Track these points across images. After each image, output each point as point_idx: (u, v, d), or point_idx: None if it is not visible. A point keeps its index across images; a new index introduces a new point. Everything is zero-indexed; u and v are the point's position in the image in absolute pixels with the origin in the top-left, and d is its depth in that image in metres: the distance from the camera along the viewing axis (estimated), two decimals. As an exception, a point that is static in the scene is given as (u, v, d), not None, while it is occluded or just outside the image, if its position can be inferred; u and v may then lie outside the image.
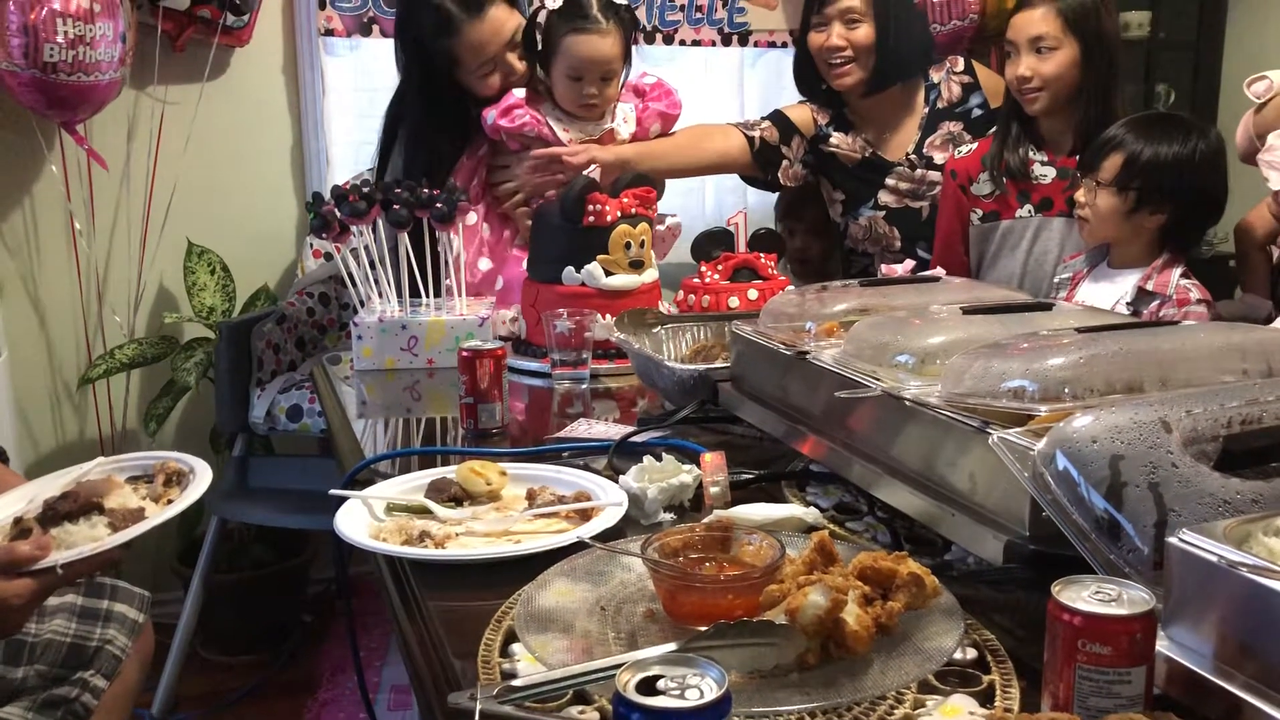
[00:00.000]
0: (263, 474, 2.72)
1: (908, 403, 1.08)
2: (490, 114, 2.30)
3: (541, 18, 2.26)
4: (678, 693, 0.66)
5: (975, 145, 2.43)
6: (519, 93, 2.31)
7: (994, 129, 2.39)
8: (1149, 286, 1.99)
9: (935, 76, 2.58)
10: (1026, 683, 0.87)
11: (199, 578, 2.70)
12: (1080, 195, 2.02)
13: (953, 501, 1.04)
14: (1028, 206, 2.31)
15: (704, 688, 0.66)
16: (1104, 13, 2.20)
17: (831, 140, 2.60)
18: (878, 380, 1.17)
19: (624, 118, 2.39)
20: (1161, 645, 0.79)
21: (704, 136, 2.59)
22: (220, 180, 3.00)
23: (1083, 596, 0.77)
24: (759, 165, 2.63)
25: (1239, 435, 0.91)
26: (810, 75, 2.58)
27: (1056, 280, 2.13)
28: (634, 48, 2.37)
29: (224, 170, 3.01)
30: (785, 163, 2.63)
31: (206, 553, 2.70)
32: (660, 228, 2.35)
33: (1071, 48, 2.18)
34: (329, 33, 2.97)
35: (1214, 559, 0.75)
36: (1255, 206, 2.04)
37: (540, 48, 2.29)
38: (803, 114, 2.65)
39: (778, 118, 2.65)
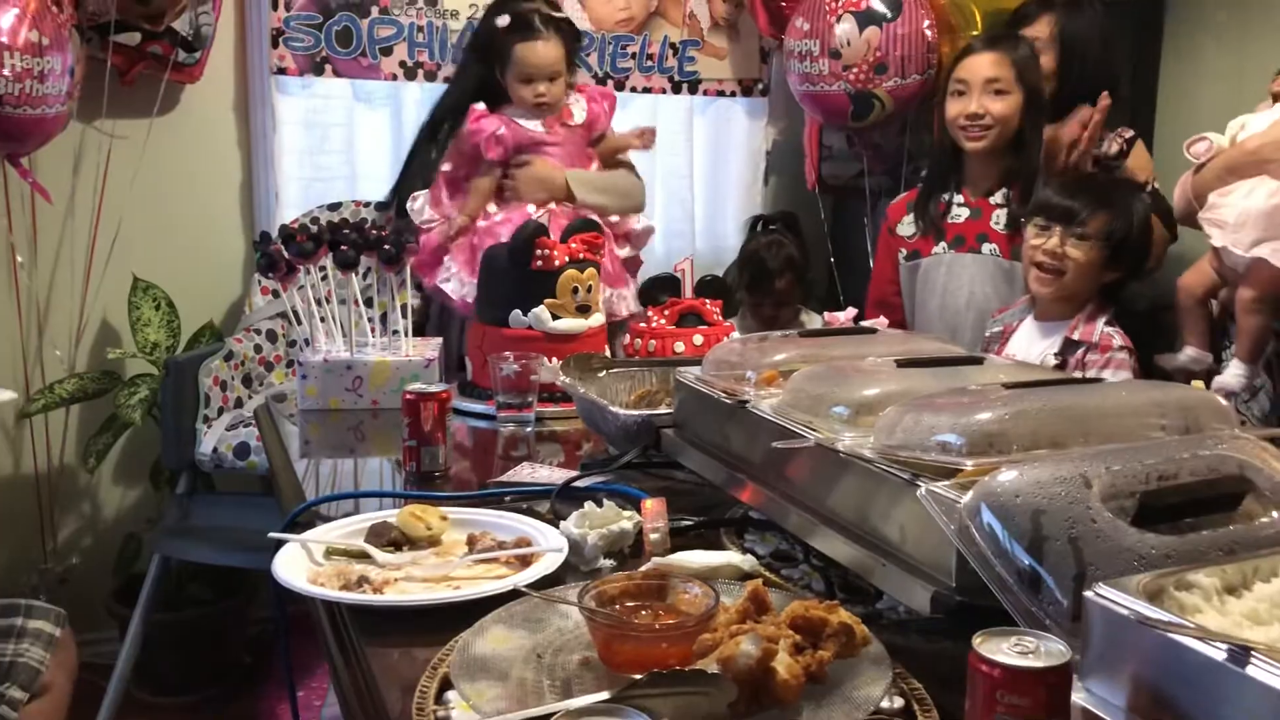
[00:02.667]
0: (206, 512, 2.69)
1: (842, 454, 1.11)
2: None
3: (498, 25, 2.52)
4: (606, 743, 0.67)
5: (910, 191, 2.54)
6: (479, 105, 2.53)
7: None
8: (1075, 336, 2.09)
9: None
10: (954, 733, 0.89)
11: (139, 617, 2.65)
12: (1051, 244, 2.11)
13: (884, 551, 1.07)
14: (942, 244, 2.43)
15: (631, 738, 0.67)
16: (1040, 70, 2.32)
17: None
18: (814, 431, 1.19)
19: (577, 103, 2.61)
20: (1079, 696, 0.81)
21: None
22: (167, 215, 2.98)
23: (1002, 649, 0.79)
24: None
25: (1155, 491, 0.94)
26: None
27: (987, 334, 2.22)
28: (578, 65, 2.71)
29: (172, 205, 2.99)
30: None
31: (148, 591, 2.66)
32: (637, 226, 2.64)
33: (1018, 95, 2.32)
34: (281, 71, 2.98)
35: (1127, 614, 0.78)
36: (1195, 264, 2.12)
37: (495, 60, 2.54)
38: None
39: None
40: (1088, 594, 0.82)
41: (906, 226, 2.52)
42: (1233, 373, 1.99)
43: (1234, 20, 2.67)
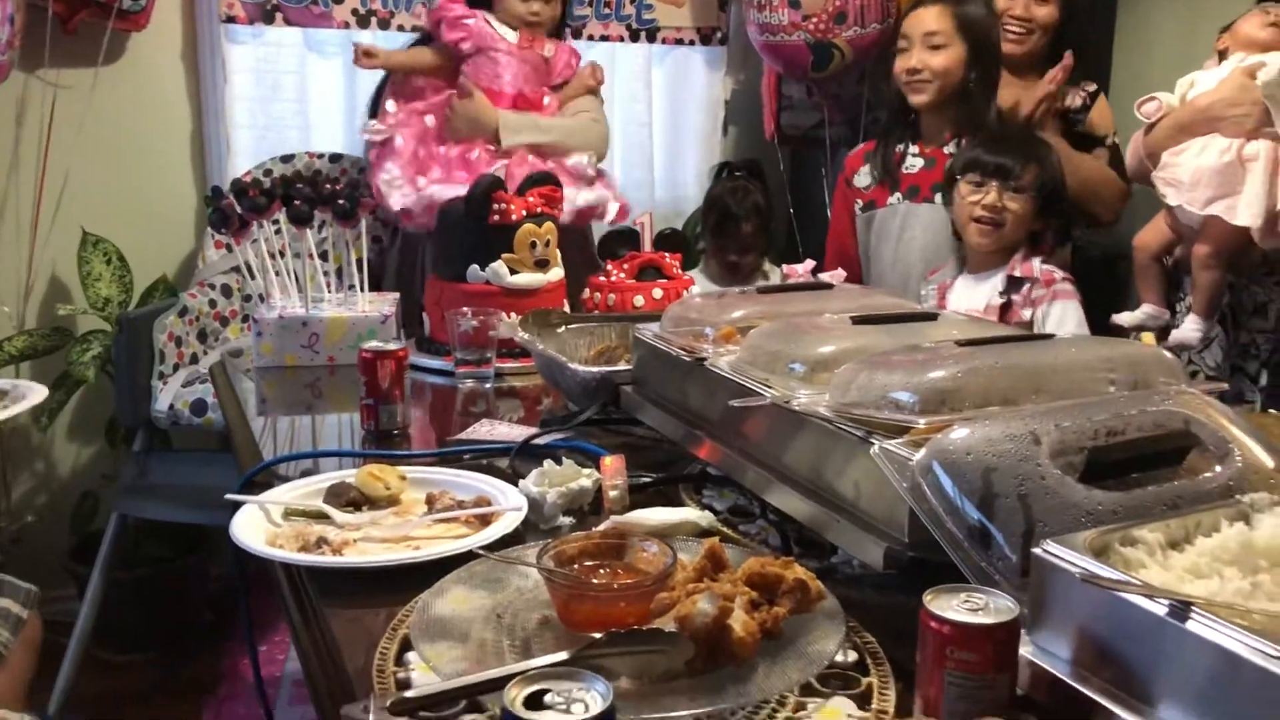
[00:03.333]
0: (164, 469, 2.67)
1: (797, 412, 1.12)
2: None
3: None
4: (564, 707, 0.68)
5: (867, 142, 2.55)
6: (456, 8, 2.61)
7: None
8: (1017, 273, 2.14)
9: None
10: (903, 685, 0.91)
11: (99, 574, 2.63)
12: (990, 199, 2.13)
13: (838, 507, 1.08)
14: (897, 194, 2.45)
15: (589, 701, 0.68)
16: (993, 25, 2.32)
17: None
18: (770, 389, 1.20)
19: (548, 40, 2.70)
20: (1026, 650, 0.83)
21: None
22: (116, 168, 2.92)
23: (952, 605, 0.81)
24: None
25: (1103, 448, 0.96)
26: None
27: (923, 293, 2.27)
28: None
29: (120, 157, 2.93)
30: None
31: (107, 549, 2.64)
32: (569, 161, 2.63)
33: (959, 47, 2.32)
34: (230, 19, 2.91)
35: (1074, 571, 0.79)
36: (1150, 222, 2.15)
37: None
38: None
39: None
40: (1035, 551, 0.84)
41: (863, 177, 2.53)
42: (1189, 327, 2.02)
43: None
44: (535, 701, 0.68)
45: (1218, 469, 0.98)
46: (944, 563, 0.93)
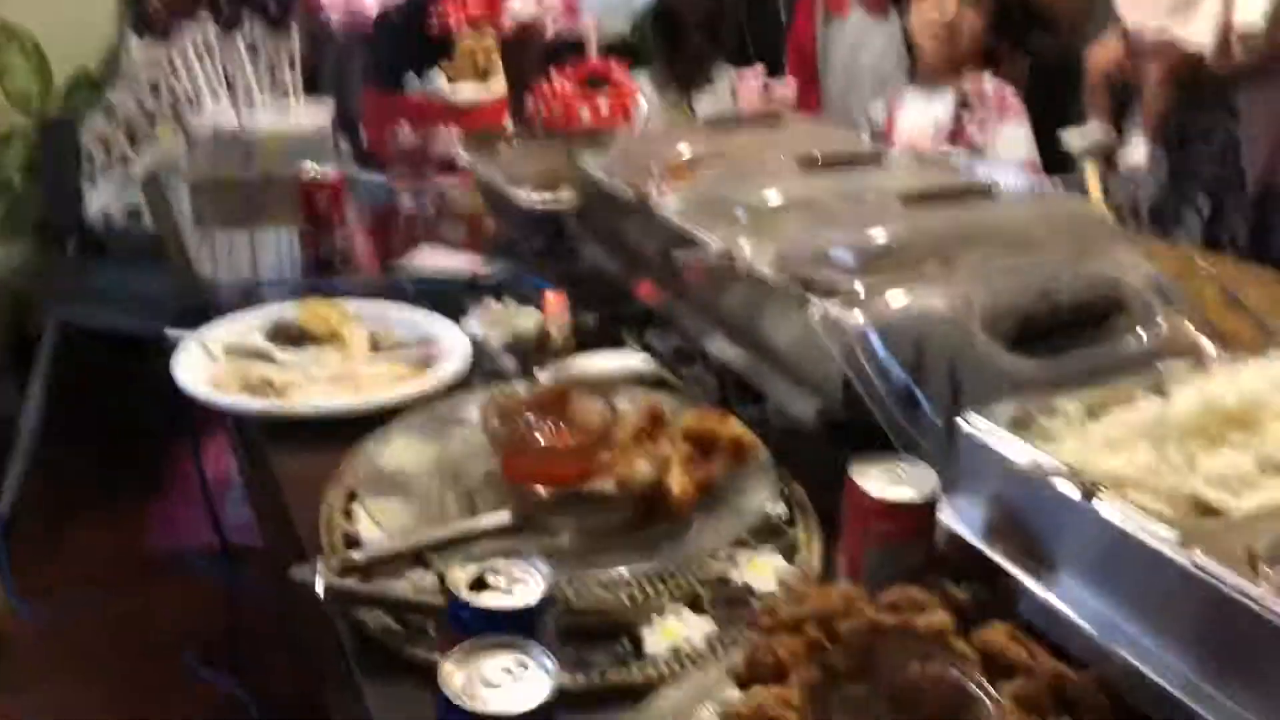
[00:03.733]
0: (100, 275, 2.63)
1: (738, 266, 1.12)
2: None
3: None
4: (506, 588, 0.71)
5: None
6: None
7: None
8: (967, 95, 2.13)
9: None
10: (828, 535, 0.96)
11: (41, 380, 2.63)
12: (947, 8, 2.11)
13: (773, 361, 1.11)
14: (858, 6, 2.39)
15: (531, 581, 0.72)
16: None
17: None
18: (713, 237, 1.20)
19: None
20: (944, 513, 0.88)
21: None
22: (25, -50, 2.73)
23: (876, 476, 0.85)
24: None
25: (1033, 316, 0.99)
26: None
27: (871, 109, 2.26)
28: None
29: (29, -61, 2.73)
30: None
31: (47, 352, 2.62)
32: None
33: None
34: None
35: (988, 444, 0.83)
36: (1102, 38, 2.10)
37: None
38: None
39: None
40: (958, 420, 0.88)
41: None
42: (1136, 149, 2.02)
43: None
44: (478, 583, 0.72)
45: (1140, 333, 1.01)
46: (873, 424, 0.96)
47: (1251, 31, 1.80)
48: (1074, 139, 2.12)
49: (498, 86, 2.03)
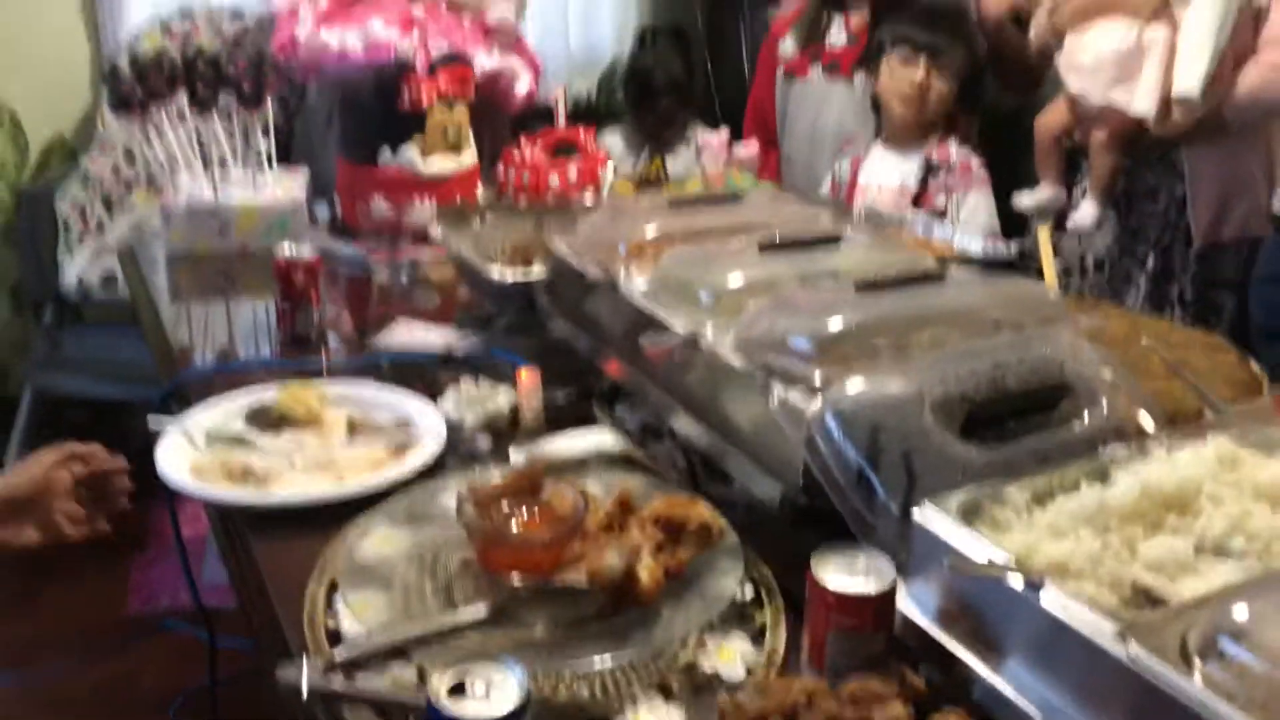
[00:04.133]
0: (77, 343, 2.65)
1: (703, 351, 1.17)
2: None
3: None
4: (484, 694, 0.75)
5: (796, 6, 2.53)
6: None
7: None
8: (934, 158, 2.20)
9: None
10: (795, 617, 1.00)
11: (16, 446, 2.64)
12: (919, 76, 2.18)
13: (739, 443, 1.15)
14: (819, 67, 2.45)
15: (507, 688, 0.75)
16: None
17: None
18: (678, 319, 1.24)
19: None
20: (901, 600, 0.92)
21: None
22: (4, 24, 2.76)
23: (836, 566, 0.89)
24: None
25: (982, 402, 1.04)
26: None
27: (836, 168, 2.32)
28: None
29: (6, 14, 2.77)
30: None
31: (24, 420, 2.64)
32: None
33: None
34: None
35: (940, 535, 0.88)
36: (1052, 103, 2.18)
37: None
38: None
39: None
40: (913, 510, 0.92)
41: (788, 46, 2.52)
42: (1085, 210, 2.10)
43: None
44: (457, 687, 0.75)
45: (1085, 417, 1.06)
46: (833, 509, 1.00)
47: (1189, 97, 1.88)
48: (1025, 200, 2.19)
49: (469, 158, 2.08)
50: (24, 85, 2.78)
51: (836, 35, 2.44)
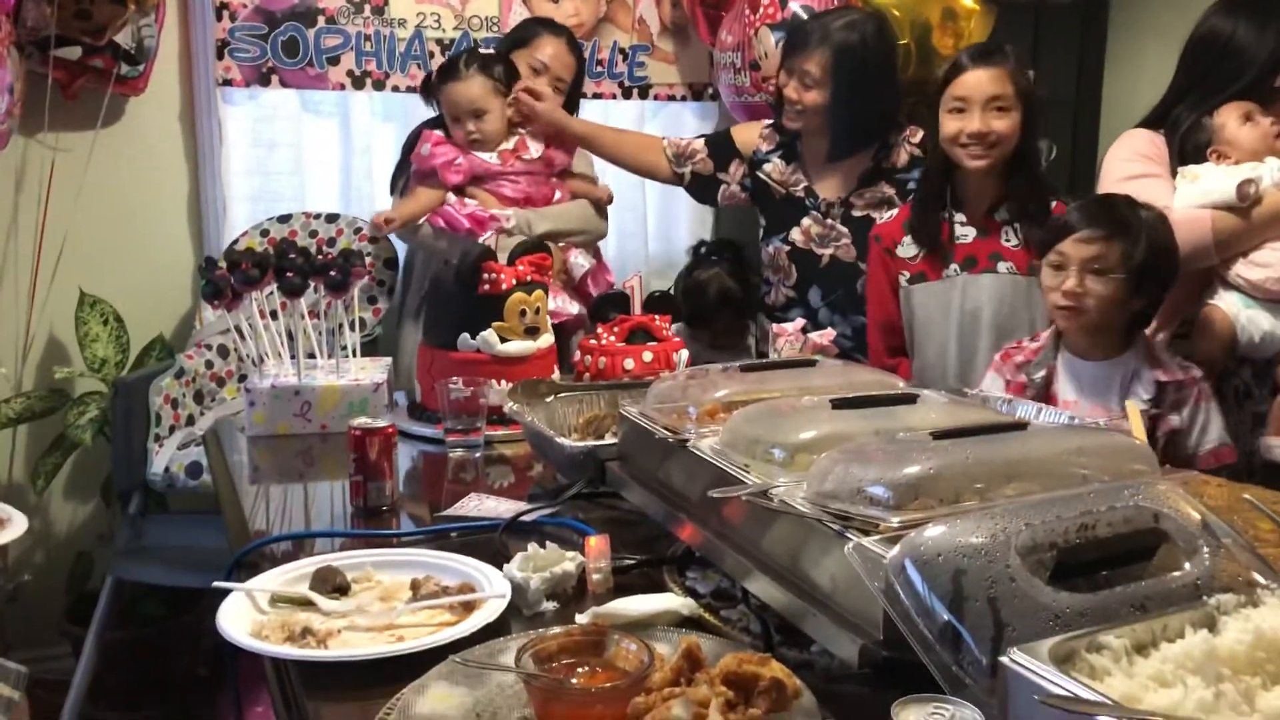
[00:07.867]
0: (159, 531, 2.68)
1: (775, 506, 1.13)
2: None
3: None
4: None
5: (897, 210, 2.52)
6: (436, 132, 2.66)
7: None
8: (1162, 378, 1.96)
9: (891, 137, 2.67)
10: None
11: (94, 637, 2.63)
12: (1070, 284, 1.96)
13: (815, 599, 1.09)
14: (953, 266, 2.38)
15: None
16: (1031, 82, 2.32)
17: (766, 167, 2.75)
18: (749, 474, 1.21)
19: (534, 138, 2.71)
20: (994, 756, 0.84)
21: (644, 149, 2.87)
22: (114, 230, 2.96)
23: (916, 717, 0.82)
24: (695, 195, 2.90)
25: (1072, 548, 0.98)
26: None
27: (1025, 379, 2.07)
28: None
29: (118, 220, 2.96)
30: (723, 187, 2.81)
31: (102, 611, 2.64)
32: (575, 260, 2.74)
33: (1019, 111, 2.27)
34: (227, 82, 2.95)
35: (1036, 684, 0.81)
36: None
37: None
38: (749, 135, 2.80)
39: (716, 143, 2.82)
40: (1002, 659, 0.85)
41: (907, 248, 2.43)
42: None
43: (1180, 20, 2.66)
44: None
45: (1186, 566, 0.99)
46: (915, 662, 0.94)
47: None
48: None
49: (545, 340, 2.12)
50: (129, 287, 2.93)
51: (962, 231, 2.38)
